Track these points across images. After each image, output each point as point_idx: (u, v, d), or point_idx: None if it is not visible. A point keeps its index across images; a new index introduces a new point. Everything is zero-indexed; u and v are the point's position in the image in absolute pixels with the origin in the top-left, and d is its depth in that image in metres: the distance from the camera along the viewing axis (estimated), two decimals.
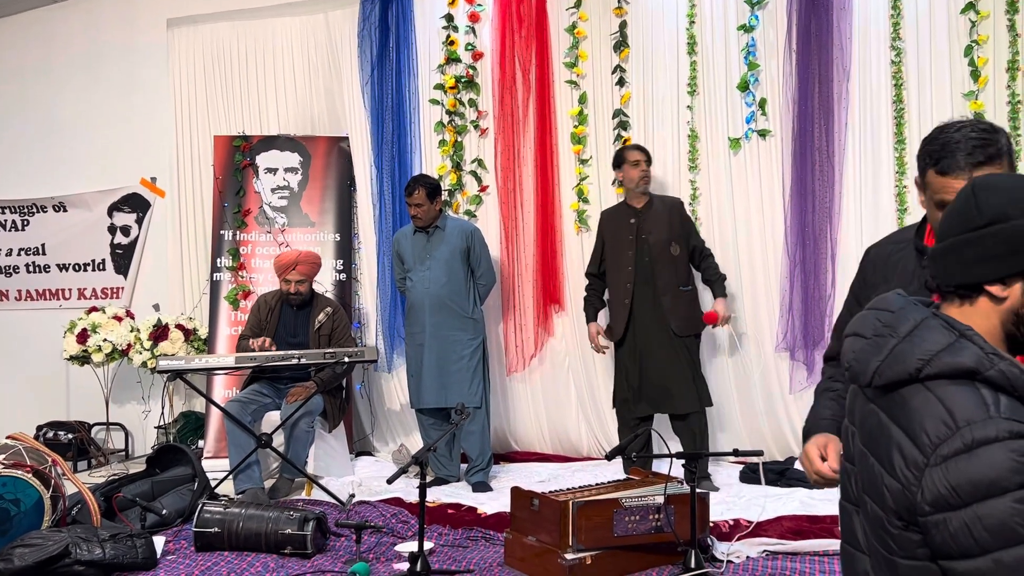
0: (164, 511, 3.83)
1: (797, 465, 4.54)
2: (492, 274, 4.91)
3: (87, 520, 3.56)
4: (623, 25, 5.09)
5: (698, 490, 2.98)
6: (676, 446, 4.41)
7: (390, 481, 3.02)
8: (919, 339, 1.23)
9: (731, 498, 4.13)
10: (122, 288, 6.40)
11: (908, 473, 1.17)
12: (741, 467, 4.62)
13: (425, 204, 4.66)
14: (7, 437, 3.77)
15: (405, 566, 3.14)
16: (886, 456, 1.22)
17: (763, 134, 4.80)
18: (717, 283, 4.49)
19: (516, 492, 3.29)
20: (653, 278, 4.40)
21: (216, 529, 3.45)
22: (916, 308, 1.29)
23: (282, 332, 4.75)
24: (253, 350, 4.43)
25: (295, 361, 4.30)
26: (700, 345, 4.54)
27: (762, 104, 4.80)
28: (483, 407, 4.67)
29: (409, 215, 4.76)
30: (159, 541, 3.45)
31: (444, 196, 5.24)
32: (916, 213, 4.52)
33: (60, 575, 3.09)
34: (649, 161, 4.52)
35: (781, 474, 4.42)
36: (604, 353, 4.70)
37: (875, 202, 4.61)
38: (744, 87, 4.82)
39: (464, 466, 4.77)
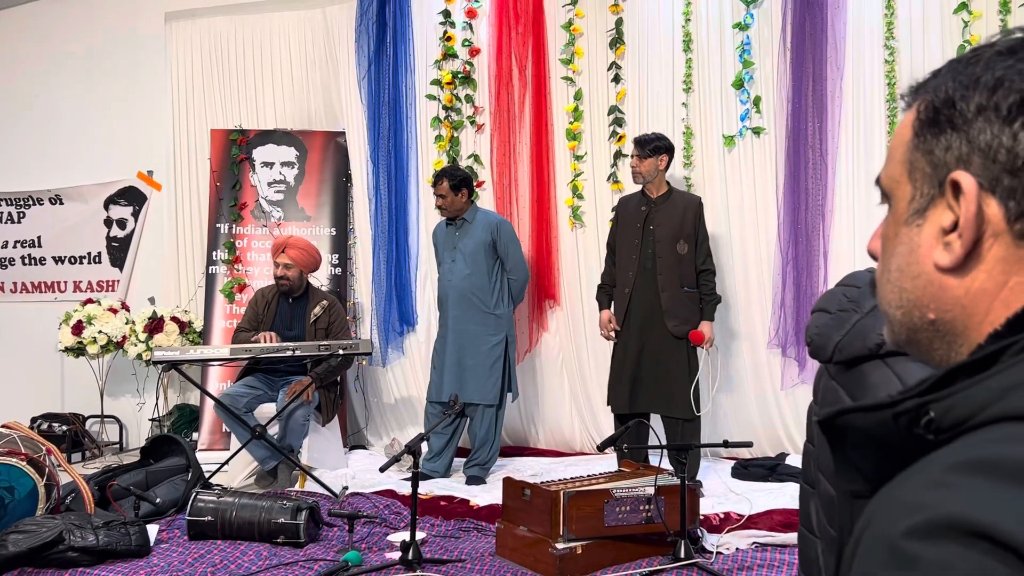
0: (158, 500, 3.85)
1: (788, 460, 4.57)
2: (523, 269, 4.76)
3: (81, 508, 3.57)
4: (619, 22, 5.12)
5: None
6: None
7: (383, 469, 3.04)
8: (882, 315, 1.24)
9: (722, 493, 4.16)
10: (118, 281, 6.41)
11: None
12: (732, 463, 4.65)
13: (448, 195, 4.64)
14: (1, 426, 3.78)
15: (397, 555, 3.16)
16: None
17: (757, 132, 4.82)
18: (708, 305, 4.36)
19: (508, 482, 3.32)
20: (655, 272, 4.31)
21: (209, 518, 3.47)
22: None
23: (278, 325, 4.76)
24: (260, 343, 4.44)
25: (290, 353, 4.31)
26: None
27: (756, 102, 4.83)
28: (496, 405, 4.60)
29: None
30: (152, 529, 3.46)
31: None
32: None
33: (53, 561, 3.10)
34: (643, 155, 4.34)
35: (772, 469, 4.45)
36: (613, 339, 4.59)
37: (868, 200, 4.63)
38: (739, 85, 4.85)
39: (463, 459, 4.77)
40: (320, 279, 5.48)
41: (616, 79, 5.14)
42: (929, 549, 0.45)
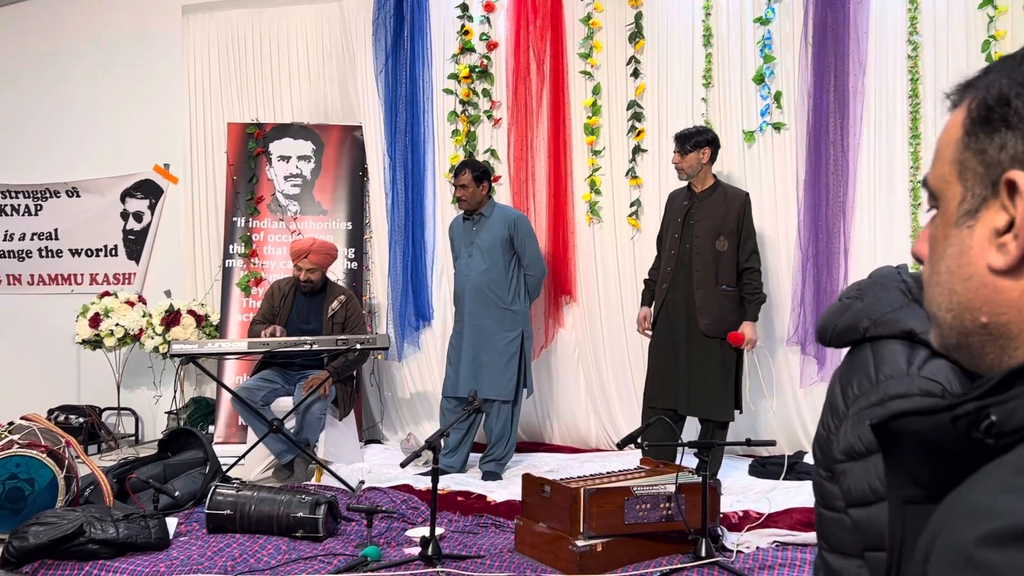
0: (177, 493, 3.85)
1: (807, 459, 4.54)
2: (540, 264, 4.73)
3: (100, 501, 3.58)
4: (638, 16, 5.08)
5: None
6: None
7: (404, 465, 3.04)
8: (875, 301, 1.25)
9: (741, 491, 4.13)
10: (134, 274, 6.42)
11: (831, 423, 1.20)
12: (750, 461, 4.62)
13: (471, 187, 4.62)
14: (21, 418, 3.79)
15: (416, 550, 3.16)
16: (825, 409, 1.25)
17: (778, 127, 4.79)
18: (752, 304, 4.18)
19: (527, 479, 3.30)
20: (691, 268, 4.20)
21: (228, 511, 3.47)
22: (891, 275, 1.30)
23: (295, 319, 4.76)
24: (265, 338, 4.45)
25: (307, 347, 4.31)
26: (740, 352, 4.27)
27: (777, 97, 4.79)
28: (512, 401, 4.60)
29: (455, 197, 4.73)
30: (171, 522, 3.47)
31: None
32: None
33: (74, 553, 3.11)
34: (684, 151, 4.22)
35: (791, 468, 4.42)
36: (648, 337, 4.50)
37: (889, 197, 4.59)
38: (759, 80, 4.81)
39: (478, 455, 4.76)
40: (336, 273, 5.47)
41: (635, 74, 5.10)
42: (1004, 556, 0.44)
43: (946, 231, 0.65)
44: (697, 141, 4.24)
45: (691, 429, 4.49)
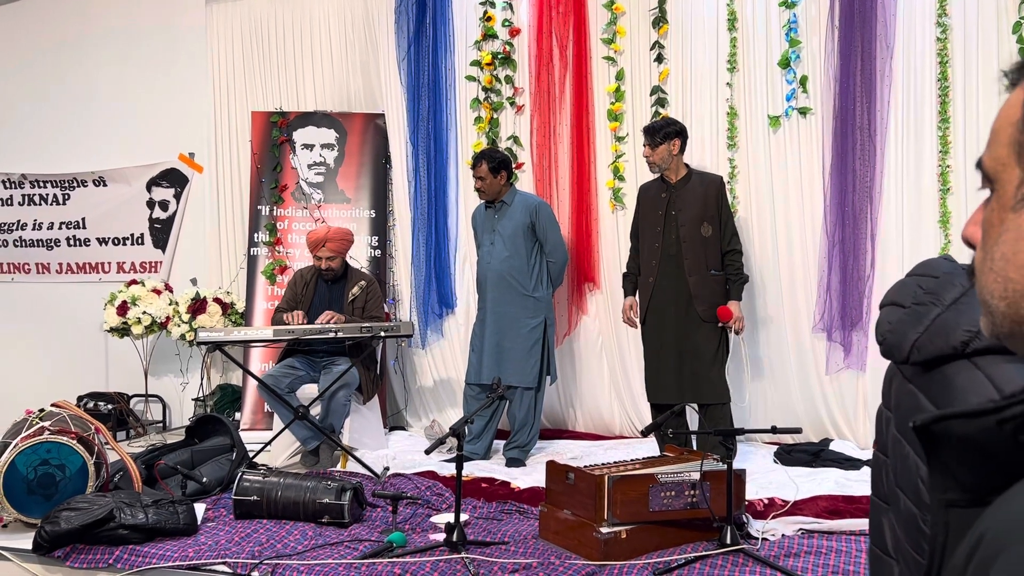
0: (204, 479, 3.90)
1: (832, 446, 4.51)
2: (562, 251, 4.73)
3: (129, 487, 3.63)
4: (662, 0, 5.04)
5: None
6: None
7: (428, 452, 3.05)
8: (967, 308, 1.06)
9: (765, 478, 4.12)
10: (160, 262, 6.48)
11: None
12: (775, 448, 4.60)
13: (488, 178, 4.63)
14: (51, 405, 3.84)
15: (441, 536, 3.17)
16: (919, 446, 1.10)
17: (803, 112, 4.73)
18: (736, 284, 4.32)
19: (552, 466, 3.31)
20: (680, 257, 4.28)
21: (255, 497, 3.50)
22: (964, 273, 1.13)
23: (317, 305, 4.80)
24: (287, 323, 4.49)
25: (332, 334, 4.34)
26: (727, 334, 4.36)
27: (803, 81, 4.73)
28: (535, 388, 4.62)
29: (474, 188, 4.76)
30: (199, 508, 3.51)
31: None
32: (958, 193, 4.45)
33: (104, 538, 3.15)
34: (654, 143, 4.30)
35: (816, 455, 4.40)
36: (635, 327, 4.61)
37: (917, 182, 4.53)
38: (785, 64, 4.76)
39: (502, 441, 4.78)
40: (360, 261, 5.50)
41: (659, 59, 5.06)
42: None
43: (1002, 215, 0.63)
44: (667, 133, 4.30)
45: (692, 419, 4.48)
